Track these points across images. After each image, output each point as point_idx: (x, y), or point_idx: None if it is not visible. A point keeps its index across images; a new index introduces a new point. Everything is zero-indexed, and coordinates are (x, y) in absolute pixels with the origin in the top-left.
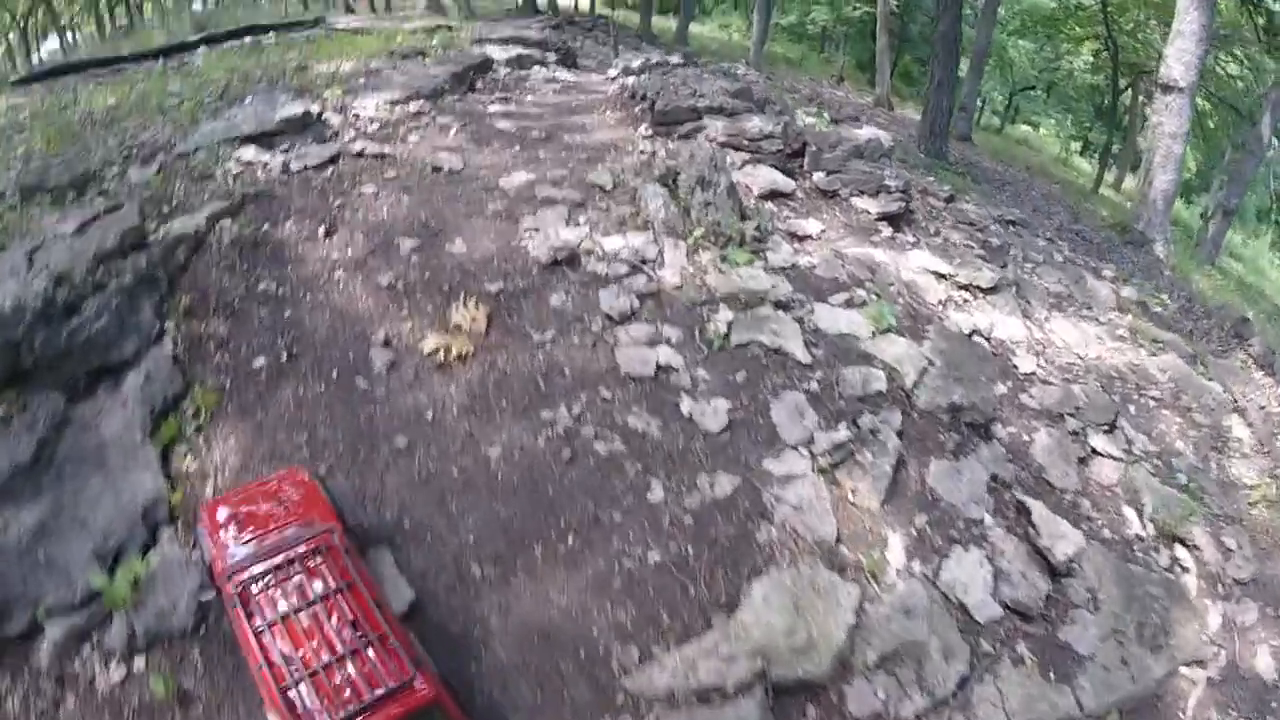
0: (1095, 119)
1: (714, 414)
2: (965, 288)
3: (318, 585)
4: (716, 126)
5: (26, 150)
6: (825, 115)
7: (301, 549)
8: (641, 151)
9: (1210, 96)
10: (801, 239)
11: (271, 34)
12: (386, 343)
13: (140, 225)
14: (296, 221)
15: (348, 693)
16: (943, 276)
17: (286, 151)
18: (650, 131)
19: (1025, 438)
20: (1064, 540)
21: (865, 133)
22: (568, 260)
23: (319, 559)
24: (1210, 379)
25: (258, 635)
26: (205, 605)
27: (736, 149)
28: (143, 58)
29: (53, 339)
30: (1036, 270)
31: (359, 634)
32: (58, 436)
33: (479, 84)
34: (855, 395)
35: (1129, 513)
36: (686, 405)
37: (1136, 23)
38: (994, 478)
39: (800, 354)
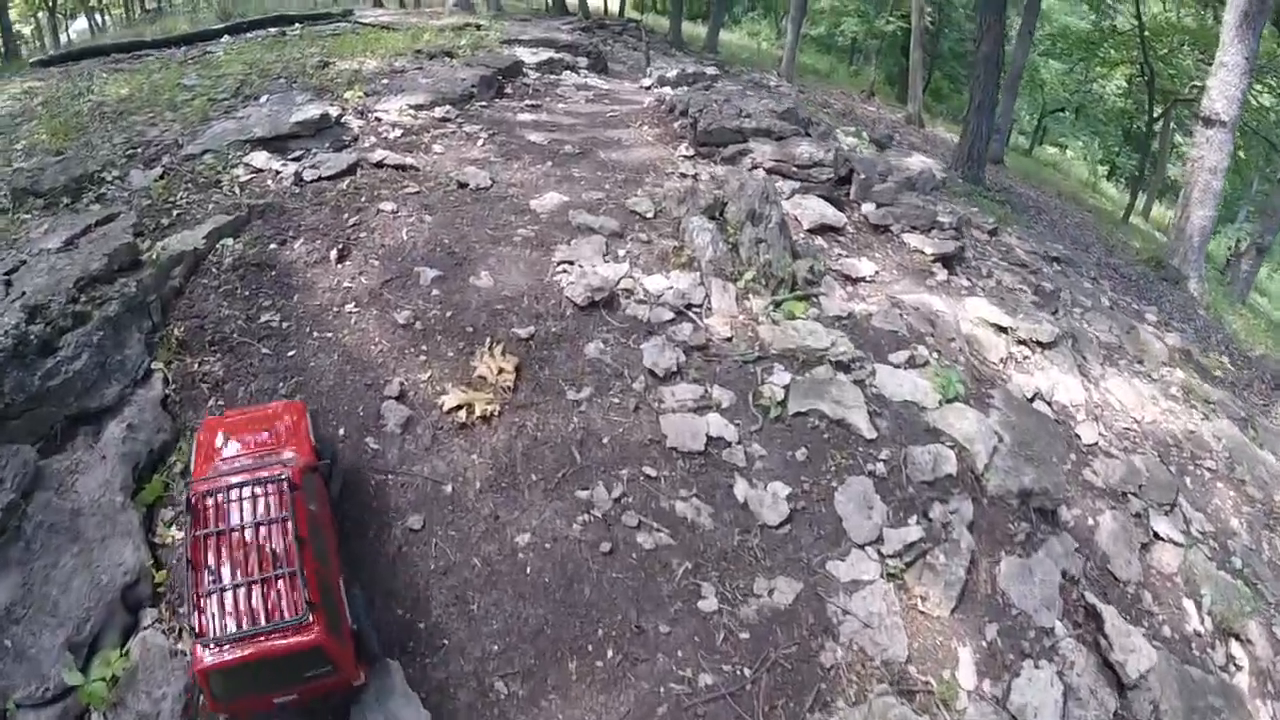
0: (1124, 143)
1: (773, 502)
2: (1024, 343)
3: (260, 510)
4: (764, 151)
5: (29, 144)
6: (864, 136)
7: (262, 474)
8: (683, 174)
9: (1243, 127)
10: (855, 281)
11: (297, 26)
12: (401, 395)
13: (133, 243)
14: (307, 241)
15: (246, 615)
16: (1002, 330)
17: (300, 159)
18: (691, 152)
19: (1090, 521)
20: (1136, 655)
21: (915, 162)
22: (606, 302)
23: (270, 487)
24: (1262, 445)
25: (196, 540)
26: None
27: (785, 176)
28: (165, 45)
29: (25, 383)
30: (1086, 316)
31: (276, 565)
32: (27, 500)
33: (508, 89)
34: (924, 480)
35: (1188, 606)
36: (742, 489)
37: (1171, 48)
38: (1064, 573)
39: (864, 427)
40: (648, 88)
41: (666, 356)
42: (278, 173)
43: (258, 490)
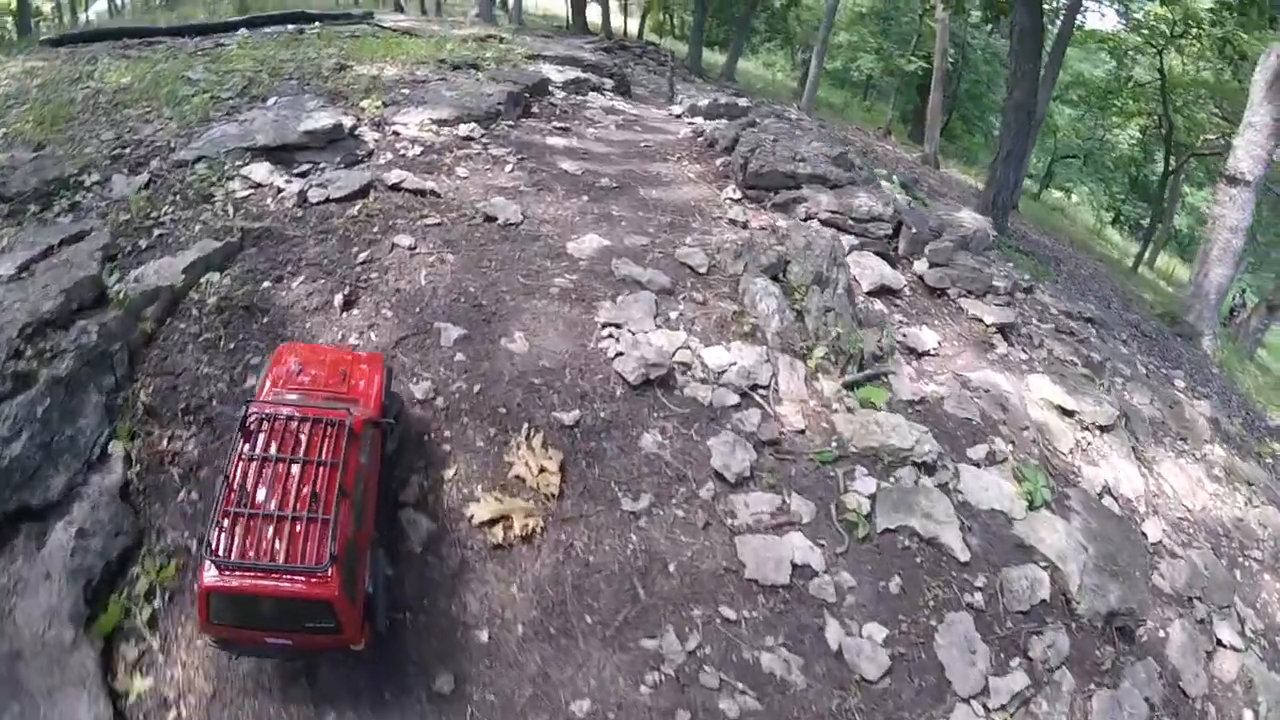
0: (1130, 191)
1: (870, 650)
2: (1087, 428)
3: (312, 451)
4: (819, 201)
5: (9, 134)
6: (895, 180)
7: (321, 416)
8: (732, 221)
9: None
10: (919, 355)
11: (317, 24)
12: (420, 501)
13: (98, 276)
14: (308, 280)
15: (266, 548)
16: (1067, 413)
17: (307, 174)
18: (739, 194)
19: (1161, 633)
20: None
21: (967, 219)
22: (662, 380)
23: (329, 430)
24: None
25: (239, 459)
26: None
27: (840, 229)
28: (179, 33)
29: None
30: (1128, 387)
31: (313, 508)
32: None
33: (535, 108)
34: (1020, 610)
35: (1248, 717)
36: (834, 633)
37: (1187, 101)
38: (1147, 700)
39: (957, 548)
40: (679, 116)
41: (738, 458)
42: (280, 190)
43: (315, 429)
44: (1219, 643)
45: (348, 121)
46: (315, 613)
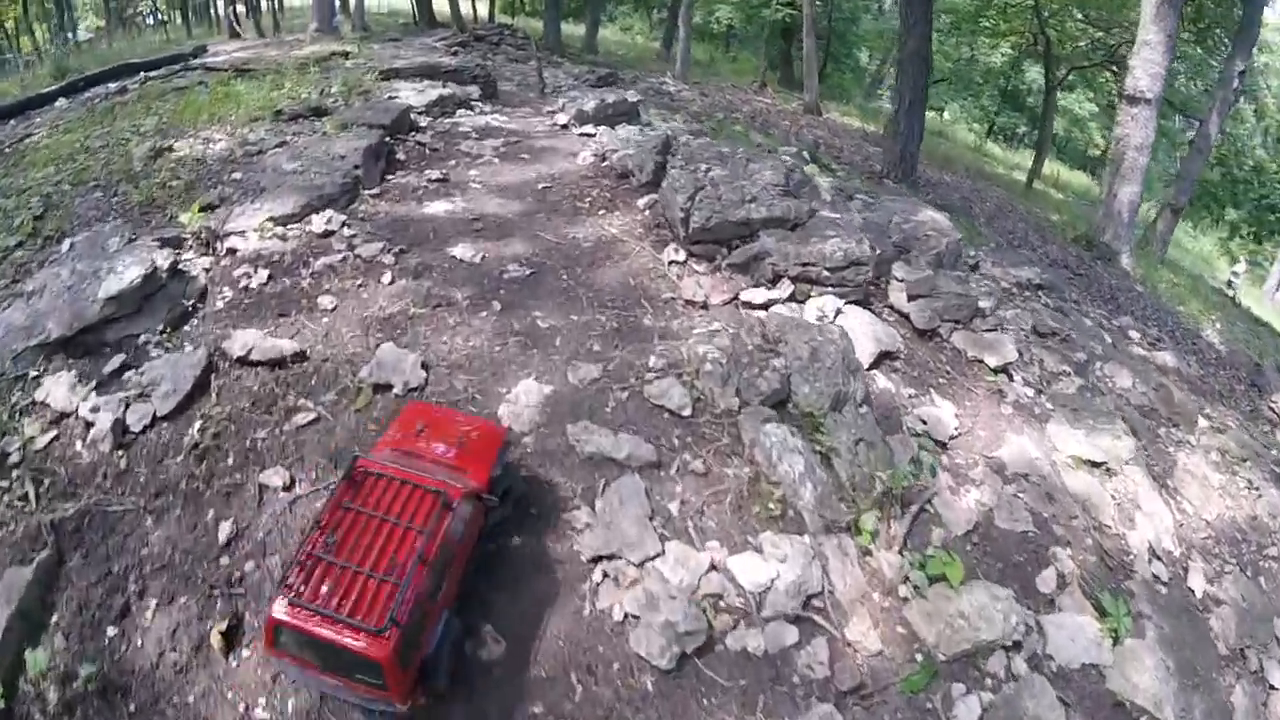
0: (1001, 103)
1: None
2: (1113, 472)
3: (405, 513)
4: (784, 252)
5: None
6: (827, 163)
7: (421, 483)
8: (691, 303)
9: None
10: (944, 446)
11: (141, 75)
12: None
13: None
14: (163, 603)
15: (332, 598)
16: (1094, 465)
17: (122, 375)
18: (683, 255)
19: (1228, 703)
20: None
21: (926, 220)
22: (701, 648)
23: (426, 499)
24: None
25: (336, 507)
26: None
27: (814, 283)
28: None
29: None
30: (1107, 369)
31: (389, 570)
32: None
33: (400, 152)
34: None
35: None
36: None
37: (1054, 12)
38: None
39: None
40: (564, 126)
41: None
42: (89, 424)
43: (414, 494)
44: (1271, 687)
45: (164, 260)
46: (365, 668)
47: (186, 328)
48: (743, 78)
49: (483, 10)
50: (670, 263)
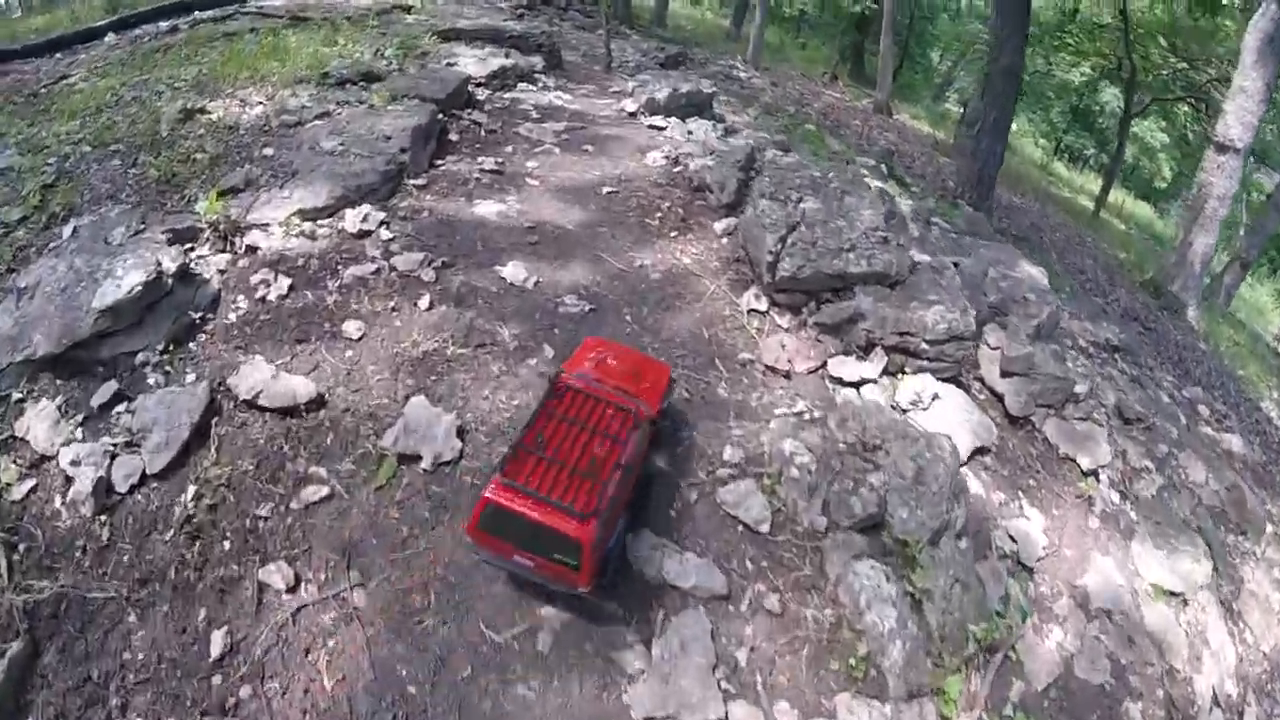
0: (1072, 121)
1: None
2: (1189, 602)
3: (601, 424)
4: (882, 318)
5: None
6: (901, 176)
7: (614, 401)
8: (772, 369)
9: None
10: (1030, 571)
11: (193, 16)
12: None
13: None
14: None
15: (542, 484)
16: (1173, 595)
17: (109, 414)
18: (765, 304)
19: None
20: None
21: (1024, 277)
22: None
23: (617, 414)
24: None
25: (544, 410)
26: None
27: (911, 355)
28: (31, 53)
29: None
30: (1181, 460)
31: (591, 469)
32: None
33: (453, 133)
34: None
35: None
36: None
37: (1139, 37)
38: None
39: None
40: (633, 114)
41: None
42: (68, 479)
43: (609, 409)
44: None
45: (170, 261)
46: (565, 548)
47: (191, 345)
48: (812, 66)
49: None
50: (750, 310)
